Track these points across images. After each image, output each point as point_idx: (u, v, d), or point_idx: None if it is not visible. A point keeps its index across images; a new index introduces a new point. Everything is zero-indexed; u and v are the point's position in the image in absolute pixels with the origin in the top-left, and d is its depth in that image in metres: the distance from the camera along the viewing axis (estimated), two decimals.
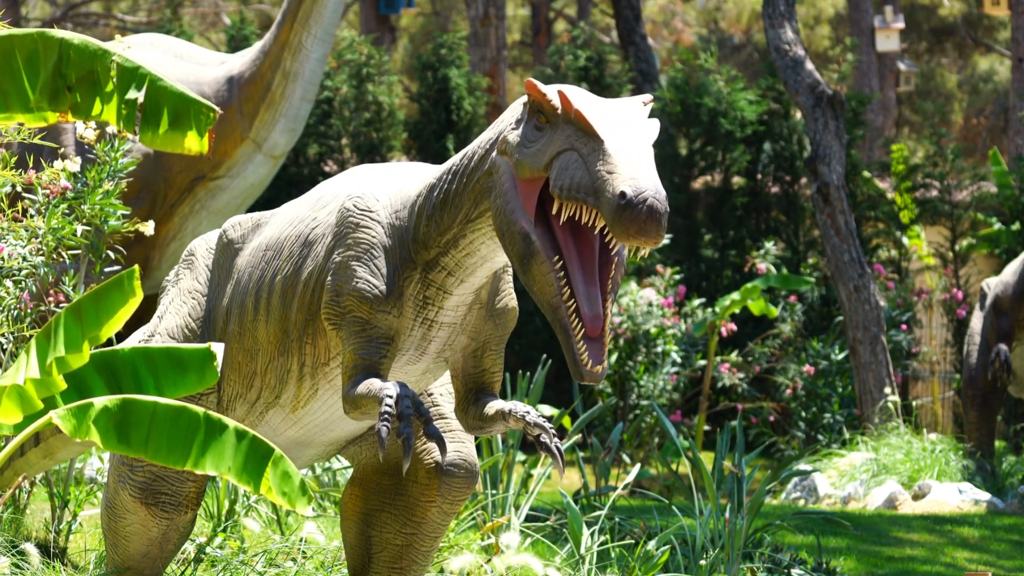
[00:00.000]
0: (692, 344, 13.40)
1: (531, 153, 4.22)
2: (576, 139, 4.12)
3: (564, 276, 4.19)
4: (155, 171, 9.64)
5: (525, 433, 4.69)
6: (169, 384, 4.55)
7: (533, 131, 4.25)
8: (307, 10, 9.60)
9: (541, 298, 4.23)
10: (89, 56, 4.51)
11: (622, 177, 3.98)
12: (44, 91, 4.52)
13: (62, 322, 4.36)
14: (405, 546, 5.19)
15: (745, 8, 33.38)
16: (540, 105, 4.23)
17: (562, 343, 4.22)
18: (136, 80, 4.51)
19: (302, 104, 9.77)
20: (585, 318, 4.19)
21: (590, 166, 4.05)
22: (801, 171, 15.69)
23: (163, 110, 4.54)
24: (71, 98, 4.52)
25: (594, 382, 4.22)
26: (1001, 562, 8.78)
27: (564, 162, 4.12)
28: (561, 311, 4.19)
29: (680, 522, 7.12)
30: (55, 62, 4.51)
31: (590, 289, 4.22)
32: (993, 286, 11.70)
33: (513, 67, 31.60)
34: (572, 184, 4.07)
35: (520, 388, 8.35)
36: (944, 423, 15.20)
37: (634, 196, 3.95)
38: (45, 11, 31.20)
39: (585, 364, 4.18)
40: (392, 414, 4.35)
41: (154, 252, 9.77)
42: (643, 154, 4.07)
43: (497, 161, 4.34)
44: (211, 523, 6.86)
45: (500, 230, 4.29)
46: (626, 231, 3.96)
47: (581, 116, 4.11)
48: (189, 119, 4.57)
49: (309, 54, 9.67)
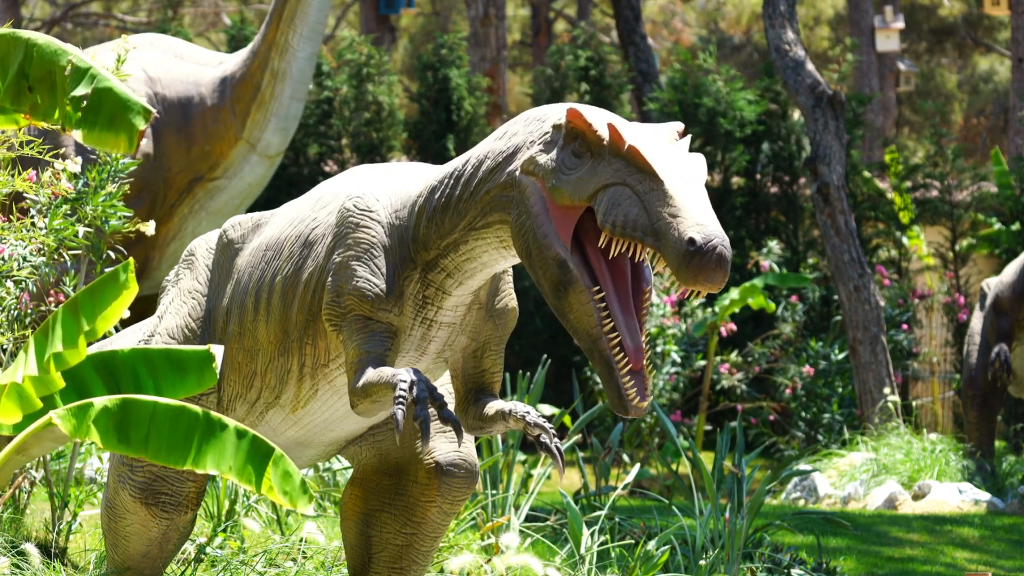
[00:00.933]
0: (692, 344, 13.40)
1: (571, 181, 4.16)
2: (628, 175, 4.07)
3: (604, 306, 4.15)
4: (155, 172, 9.65)
5: (525, 433, 4.69)
6: (168, 385, 4.54)
7: (571, 158, 4.19)
8: (292, 9, 9.60)
9: (578, 327, 4.17)
10: (49, 56, 4.51)
11: (688, 222, 3.95)
12: (8, 91, 4.52)
13: (59, 319, 4.35)
14: (405, 546, 5.19)
15: (745, 8, 33.39)
16: (583, 135, 4.17)
17: (602, 376, 4.16)
18: (85, 79, 4.51)
19: (292, 103, 9.75)
20: (628, 351, 4.14)
21: (648, 206, 4.00)
22: (800, 171, 15.70)
23: (102, 109, 4.53)
24: (31, 98, 4.52)
25: (638, 416, 4.20)
26: (1001, 562, 8.78)
27: (614, 196, 4.06)
28: (602, 343, 4.14)
29: (680, 522, 7.11)
30: (20, 62, 4.51)
31: (628, 319, 4.19)
32: (993, 286, 11.70)
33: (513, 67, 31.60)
34: (627, 222, 4.02)
35: (520, 388, 8.35)
36: (944, 423, 15.20)
37: (704, 243, 3.93)
38: (45, 11, 31.20)
39: (632, 399, 4.13)
40: (407, 398, 4.33)
41: (154, 252, 9.77)
42: (703, 197, 4.05)
43: (523, 181, 4.28)
44: (211, 523, 6.86)
45: (527, 251, 4.24)
46: (694, 278, 3.95)
47: (637, 153, 4.06)
48: (122, 119, 4.55)
49: (296, 53, 9.66)
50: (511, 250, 4.42)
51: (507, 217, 4.34)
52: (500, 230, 4.39)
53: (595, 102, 15.69)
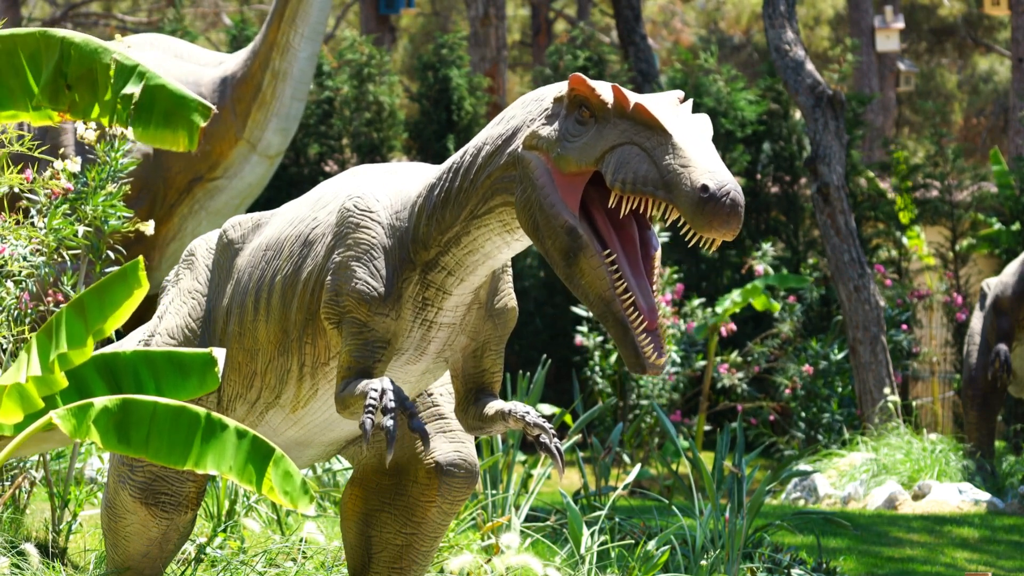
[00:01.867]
0: (692, 344, 13.40)
1: (577, 147, 4.19)
2: (635, 133, 4.10)
3: (616, 269, 4.17)
4: (154, 172, 9.65)
5: (525, 433, 4.69)
6: (170, 388, 4.54)
7: (575, 125, 4.22)
8: (294, 9, 9.60)
9: (589, 292, 4.19)
10: (89, 55, 4.51)
11: (699, 170, 3.97)
12: (45, 90, 4.51)
13: (63, 319, 4.35)
14: (405, 546, 5.19)
15: (745, 8, 33.39)
16: (587, 100, 4.19)
17: (617, 337, 4.17)
18: (134, 77, 4.51)
19: (293, 103, 9.76)
20: (643, 310, 4.16)
21: (658, 160, 4.03)
22: (801, 171, 15.70)
23: (156, 107, 4.54)
24: (70, 97, 4.51)
25: (656, 374, 4.20)
26: (1001, 562, 8.78)
27: (622, 156, 4.09)
28: (616, 304, 4.15)
29: (680, 522, 7.11)
30: (56, 61, 4.50)
31: (640, 282, 4.21)
32: (993, 286, 11.70)
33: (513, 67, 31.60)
34: (637, 178, 4.05)
35: (520, 388, 8.35)
36: (944, 423, 15.20)
37: (717, 189, 3.94)
38: (45, 11, 31.20)
39: (649, 356, 4.14)
40: (375, 407, 4.35)
41: (154, 252, 9.77)
42: (711, 147, 4.08)
43: (525, 156, 4.30)
44: (211, 523, 6.86)
45: (534, 224, 4.25)
46: (709, 224, 3.95)
47: (644, 110, 4.09)
48: (181, 116, 4.56)
49: (297, 53, 9.66)
50: (514, 234, 4.43)
51: (510, 198, 4.36)
52: (503, 213, 4.40)
53: None
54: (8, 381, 4.32)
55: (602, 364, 12.85)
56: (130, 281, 4.38)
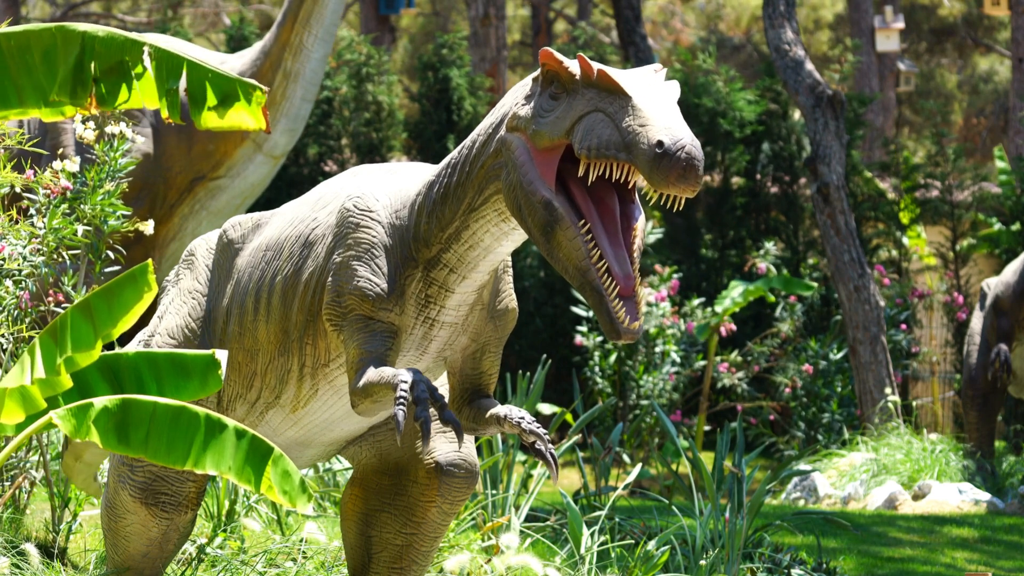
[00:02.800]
0: (692, 344, 13.40)
1: (549, 122, 4.23)
2: (600, 100, 4.13)
3: (591, 238, 4.19)
4: (155, 171, 9.64)
5: (520, 439, 4.70)
6: (172, 389, 4.53)
7: (548, 101, 4.26)
8: (308, 10, 9.61)
9: (567, 263, 4.21)
10: (117, 47, 4.48)
11: (656, 127, 4.00)
12: (64, 85, 4.49)
13: (69, 321, 4.34)
14: (405, 546, 5.19)
15: (744, 9, 33.39)
16: (557, 73, 4.23)
17: (593, 305, 4.20)
18: (176, 66, 4.48)
19: (302, 104, 9.77)
20: (617, 277, 4.19)
21: (619, 123, 4.06)
22: (800, 171, 15.70)
23: (208, 92, 4.51)
24: (95, 88, 4.49)
25: (631, 340, 4.20)
26: (1000, 562, 8.78)
27: (588, 124, 4.13)
28: (591, 273, 4.18)
29: (680, 522, 7.11)
30: (77, 55, 4.48)
31: (617, 251, 4.23)
32: (993, 286, 11.70)
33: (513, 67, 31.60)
34: (601, 143, 4.08)
35: (520, 388, 8.35)
36: (944, 423, 15.20)
37: (672, 144, 3.96)
38: (45, 11, 31.20)
39: (622, 321, 4.16)
40: (408, 399, 4.34)
41: (154, 252, 9.77)
42: (672, 107, 4.10)
43: (507, 138, 4.34)
44: (211, 523, 6.86)
45: (517, 204, 4.29)
46: (665, 179, 3.97)
47: (605, 75, 4.13)
48: (239, 97, 4.54)
49: (310, 54, 9.67)
50: (509, 223, 4.44)
51: (501, 185, 4.38)
52: (497, 201, 4.42)
53: None
54: (13, 383, 4.31)
55: (602, 364, 12.85)
56: (140, 284, 4.37)
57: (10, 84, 4.48)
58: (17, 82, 4.48)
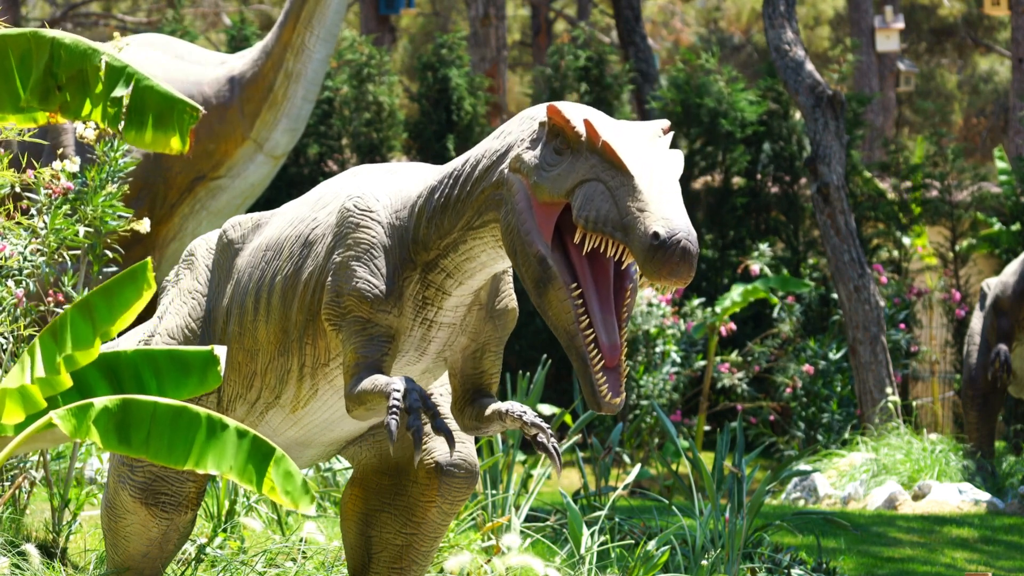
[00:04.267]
0: (692, 344, 13.40)
1: (551, 177, 4.20)
2: (602, 170, 4.10)
3: (582, 303, 4.18)
4: (155, 171, 9.64)
5: (523, 433, 4.70)
6: (171, 386, 4.54)
7: (552, 155, 4.23)
8: (310, 10, 9.60)
9: (557, 324, 4.20)
10: (79, 55, 4.49)
11: (654, 216, 3.97)
12: (35, 91, 4.50)
13: (69, 320, 4.34)
14: (405, 546, 5.19)
15: (744, 8, 33.39)
16: (563, 131, 4.21)
17: (578, 372, 4.20)
18: (123, 79, 4.50)
19: (304, 104, 9.77)
20: (603, 348, 4.17)
21: (619, 201, 4.03)
22: (801, 171, 15.70)
23: (147, 109, 4.52)
24: (60, 97, 4.50)
25: (611, 413, 4.21)
26: (1000, 563, 8.78)
27: (589, 192, 4.10)
28: (579, 339, 4.17)
29: (680, 522, 7.11)
30: (46, 61, 4.49)
31: (607, 317, 4.20)
32: (993, 286, 11.70)
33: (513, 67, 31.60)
34: (599, 217, 4.05)
35: (520, 388, 8.35)
36: (944, 423, 15.20)
37: (668, 237, 3.94)
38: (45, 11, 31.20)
39: (604, 396, 4.16)
40: (400, 407, 4.35)
41: (154, 252, 9.76)
42: (673, 192, 4.06)
43: (510, 178, 4.31)
44: (211, 523, 6.86)
45: (512, 249, 4.27)
46: (658, 272, 3.95)
47: (610, 149, 4.09)
48: (172, 119, 4.55)
49: (312, 54, 9.67)
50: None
51: (499, 216, 4.37)
52: (495, 229, 4.42)
53: (595, 102, 15.70)
54: (13, 382, 4.31)
55: None
56: (139, 282, 4.38)
57: None
58: None
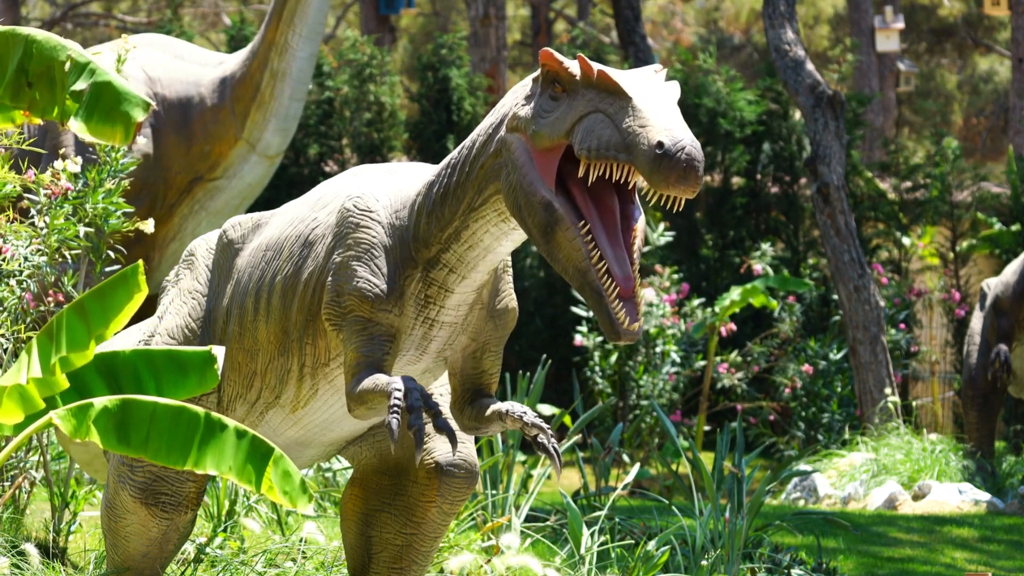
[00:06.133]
0: (692, 344, 13.40)
1: (549, 122, 4.23)
2: (600, 100, 4.14)
3: (591, 239, 4.20)
4: (154, 172, 9.64)
5: (524, 434, 4.70)
6: (170, 386, 4.54)
7: (548, 101, 4.26)
8: (292, 9, 9.60)
9: (567, 264, 4.21)
10: (48, 52, 4.50)
11: (656, 129, 4.00)
12: (8, 88, 4.51)
13: (64, 321, 4.35)
14: (405, 546, 5.20)
15: (744, 8, 33.39)
16: (557, 74, 4.24)
17: (593, 306, 4.20)
18: (84, 74, 4.50)
19: (291, 103, 9.75)
20: (617, 278, 4.19)
21: (619, 123, 4.07)
22: (801, 171, 15.70)
23: (99, 102, 4.52)
24: (30, 95, 4.51)
25: (631, 340, 4.21)
26: (1000, 563, 8.78)
27: (589, 124, 4.13)
28: (591, 274, 4.18)
29: (680, 522, 7.11)
30: (19, 58, 4.50)
31: (617, 252, 4.22)
32: (993, 286, 11.70)
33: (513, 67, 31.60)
34: (601, 143, 4.08)
35: (520, 388, 8.35)
36: (944, 423, 15.20)
37: (672, 145, 3.97)
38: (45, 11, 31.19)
39: (622, 322, 4.17)
40: (402, 407, 4.35)
41: (154, 252, 9.77)
42: (672, 108, 4.11)
43: (508, 139, 4.34)
44: (211, 523, 6.86)
45: (517, 204, 4.29)
46: (666, 180, 3.97)
47: (605, 75, 4.13)
48: (120, 111, 4.54)
49: (296, 53, 9.66)
50: (509, 223, 4.44)
51: (500, 186, 4.38)
52: (497, 202, 4.43)
53: None
54: (9, 382, 4.31)
55: (602, 364, 12.85)
56: (130, 285, 4.38)
57: None
58: None
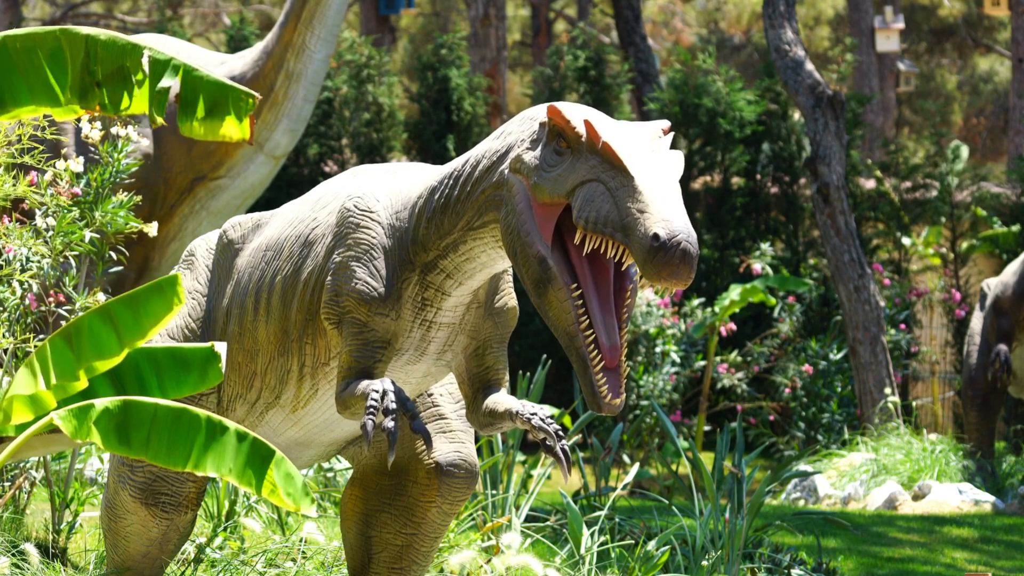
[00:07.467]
0: (692, 344, 13.40)
1: (551, 178, 4.19)
2: (602, 171, 4.10)
3: (582, 304, 4.17)
4: (155, 172, 9.64)
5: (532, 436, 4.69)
6: (172, 383, 4.54)
7: (553, 155, 4.22)
8: (311, 10, 9.60)
9: (557, 325, 4.20)
10: (118, 51, 4.50)
11: (654, 218, 3.96)
12: (74, 88, 4.51)
13: (87, 327, 4.33)
14: (405, 546, 5.20)
15: (744, 8, 33.40)
16: (563, 132, 4.20)
17: (578, 373, 4.19)
18: (169, 70, 4.50)
19: (304, 105, 9.76)
20: (603, 348, 4.16)
21: (619, 202, 4.03)
22: (800, 171, 15.70)
23: (199, 98, 4.52)
24: (100, 94, 4.50)
25: (611, 413, 4.21)
26: (1000, 563, 8.79)
27: (589, 193, 4.09)
28: (579, 340, 4.16)
29: (680, 522, 7.12)
30: (83, 59, 4.50)
31: (607, 318, 4.20)
32: (993, 286, 11.70)
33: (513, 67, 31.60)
34: (599, 218, 4.05)
35: (520, 388, 8.35)
36: (944, 423, 15.20)
37: (668, 239, 3.93)
38: (45, 11, 31.19)
39: (604, 396, 4.16)
40: (377, 408, 4.36)
41: (154, 252, 9.77)
42: (673, 193, 4.06)
43: (510, 179, 4.31)
44: (211, 523, 6.86)
45: (512, 250, 4.27)
46: (658, 273, 3.95)
47: (610, 149, 4.08)
48: (227, 105, 4.54)
49: (312, 55, 9.67)
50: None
51: (499, 217, 4.36)
52: (495, 230, 4.41)
53: (595, 102, 15.70)
54: (25, 389, 4.30)
55: None
56: (168, 295, 4.37)
57: (21, 83, 4.49)
58: (28, 81, 4.50)
